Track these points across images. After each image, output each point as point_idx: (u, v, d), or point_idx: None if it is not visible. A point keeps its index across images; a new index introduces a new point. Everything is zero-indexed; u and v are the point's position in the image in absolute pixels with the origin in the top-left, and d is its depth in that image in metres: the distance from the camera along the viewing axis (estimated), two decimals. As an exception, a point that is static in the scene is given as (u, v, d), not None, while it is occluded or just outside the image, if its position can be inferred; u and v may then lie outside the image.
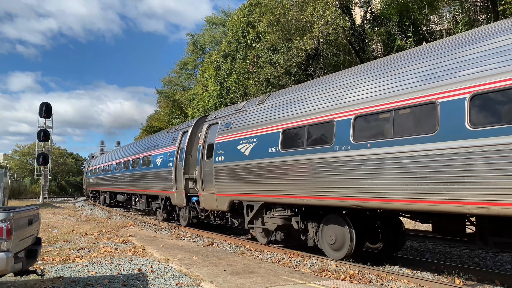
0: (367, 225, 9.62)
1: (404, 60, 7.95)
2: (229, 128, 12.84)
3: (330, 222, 9.58)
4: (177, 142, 16.92)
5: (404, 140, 7.21)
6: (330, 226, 9.56)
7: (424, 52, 7.64)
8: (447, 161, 6.52)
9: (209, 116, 15.23)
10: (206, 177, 13.79)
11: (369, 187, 7.82)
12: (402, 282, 7.57)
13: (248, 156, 11.50)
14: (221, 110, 15.11)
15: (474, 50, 6.66)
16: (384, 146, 7.57)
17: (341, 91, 8.97)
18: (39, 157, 39.26)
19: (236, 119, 12.75)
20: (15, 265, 5.62)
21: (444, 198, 6.58)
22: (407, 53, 8.31)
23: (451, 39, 7.46)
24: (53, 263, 9.20)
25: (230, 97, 29.84)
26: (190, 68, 55.57)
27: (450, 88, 6.73)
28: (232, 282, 7.42)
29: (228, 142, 12.62)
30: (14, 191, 49.82)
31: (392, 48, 21.61)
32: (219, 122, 13.66)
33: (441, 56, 7.18)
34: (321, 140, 9.15)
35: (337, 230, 9.30)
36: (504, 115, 6.01)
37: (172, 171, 16.68)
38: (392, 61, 8.29)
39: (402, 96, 7.45)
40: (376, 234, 10.05)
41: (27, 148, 69.70)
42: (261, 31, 27.47)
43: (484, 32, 6.83)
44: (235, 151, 12.13)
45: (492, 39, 6.52)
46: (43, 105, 38.61)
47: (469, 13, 19.82)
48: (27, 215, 6.28)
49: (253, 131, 11.55)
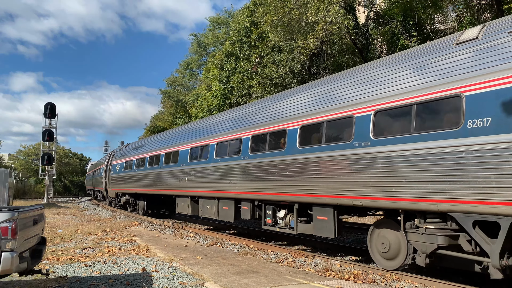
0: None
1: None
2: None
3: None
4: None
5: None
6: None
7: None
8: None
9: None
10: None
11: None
12: (406, 282, 7.54)
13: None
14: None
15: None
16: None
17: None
18: (43, 157, 39.44)
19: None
20: (20, 264, 5.64)
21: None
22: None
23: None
24: (57, 263, 9.23)
25: (233, 97, 29.87)
26: (194, 68, 55.70)
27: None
28: (236, 282, 7.42)
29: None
30: (19, 191, 50.09)
31: (396, 47, 21.53)
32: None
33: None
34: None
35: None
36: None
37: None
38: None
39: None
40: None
41: (31, 148, 70.08)
42: (264, 31, 27.47)
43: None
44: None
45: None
46: (47, 105, 38.80)
47: (474, 12, 19.73)
48: (32, 215, 6.31)
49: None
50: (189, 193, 15.87)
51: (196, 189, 15.24)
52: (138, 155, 23.14)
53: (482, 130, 6.17)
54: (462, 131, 6.45)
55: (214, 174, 13.86)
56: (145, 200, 22.86)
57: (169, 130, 26.22)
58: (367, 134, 8.06)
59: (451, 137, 6.55)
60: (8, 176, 26.28)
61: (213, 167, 13.88)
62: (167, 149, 18.78)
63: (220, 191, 13.42)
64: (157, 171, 19.53)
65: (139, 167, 22.40)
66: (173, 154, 17.74)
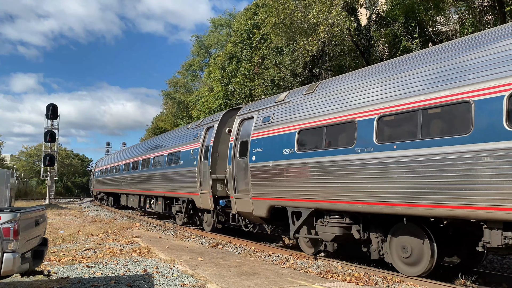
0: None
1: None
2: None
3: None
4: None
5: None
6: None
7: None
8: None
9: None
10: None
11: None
12: (408, 285, 7.53)
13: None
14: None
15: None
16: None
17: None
18: (45, 158, 39.52)
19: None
20: (22, 265, 5.65)
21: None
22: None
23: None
24: (59, 264, 9.24)
25: (235, 98, 29.89)
26: (196, 70, 55.73)
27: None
28: (238, 284, 7.41)
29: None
30: (20, 192, 50.16)
31: (398, 49, 21.52)
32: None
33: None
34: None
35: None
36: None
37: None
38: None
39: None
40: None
41: (33, 149, 70.25)
42: (266, 33, 27.48)
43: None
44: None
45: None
46: (49, 106, 38.90)
47: (476, 14, 19.71)
48: (34, 216, 6.31)
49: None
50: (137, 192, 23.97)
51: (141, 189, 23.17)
52: (110, 164, 33.36)
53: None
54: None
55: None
56: (112, 197, 32.97)
57: (129, 147, 39.03)
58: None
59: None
60: (10, 177, 26.34)
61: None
62: (125, 161, 27.81)
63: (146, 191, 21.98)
64: (118, 176, 29.02)
65: (109, 173, 32.84)
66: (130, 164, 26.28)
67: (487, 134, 6.19)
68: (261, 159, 11.17)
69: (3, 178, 24.18)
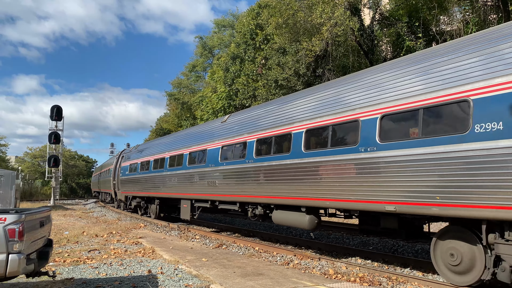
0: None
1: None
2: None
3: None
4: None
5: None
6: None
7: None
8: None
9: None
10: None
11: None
12: (412, 285, 7.50)
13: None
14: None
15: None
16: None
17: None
18: (50, 160, 39.66)
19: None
20: (27, 266, 5.67)
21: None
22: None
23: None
24: (64, 265, 9.27)
25: (238, 99, 29.92)
26: (199, 71, 55.85)
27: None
28: (242, 284, 7.41)
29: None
30: (25, 193, 50.41)
31: (401, 49, 21.48)
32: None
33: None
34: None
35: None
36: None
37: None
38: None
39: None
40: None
41: (38, 151, 70.67)
42: (269, 33, 27.51)
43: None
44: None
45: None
46: (54, 108, 39.04)
47: (480, 13, 19.63)
48: (39, 217, 6.34)
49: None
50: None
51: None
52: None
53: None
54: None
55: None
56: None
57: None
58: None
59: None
60: (15, 178, 26.44)
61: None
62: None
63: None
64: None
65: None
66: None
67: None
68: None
69: (8, 180, 24.27)
